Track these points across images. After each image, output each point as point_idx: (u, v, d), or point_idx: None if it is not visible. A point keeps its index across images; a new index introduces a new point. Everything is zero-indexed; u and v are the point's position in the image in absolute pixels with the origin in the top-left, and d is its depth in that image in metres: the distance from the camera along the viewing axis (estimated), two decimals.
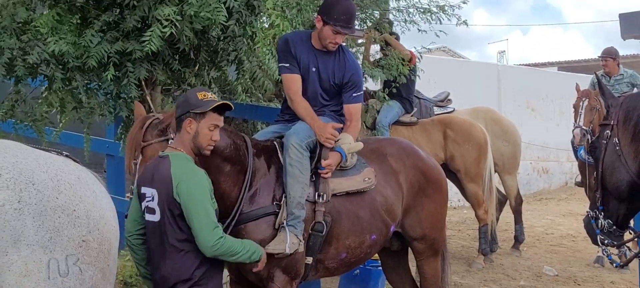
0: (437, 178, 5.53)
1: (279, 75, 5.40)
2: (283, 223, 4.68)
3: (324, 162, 4.92)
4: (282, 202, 4.73)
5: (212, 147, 4.16)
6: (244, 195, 4.63)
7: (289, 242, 4.60)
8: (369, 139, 7.02)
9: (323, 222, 4.87)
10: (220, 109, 4.13)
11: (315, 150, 4.98)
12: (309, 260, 4.90)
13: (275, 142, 5.03)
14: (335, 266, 5.11)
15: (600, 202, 4.01)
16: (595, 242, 4.18)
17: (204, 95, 4.11)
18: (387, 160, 5.31)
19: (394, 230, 5.26)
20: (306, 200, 4.80)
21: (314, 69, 5.17)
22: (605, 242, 4.04)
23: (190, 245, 3.99)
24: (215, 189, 4.32)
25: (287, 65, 5.18)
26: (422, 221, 5.38)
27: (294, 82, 5.17)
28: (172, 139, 4.30)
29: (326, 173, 4.92)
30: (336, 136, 5.06)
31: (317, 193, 4.88)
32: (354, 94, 5.25)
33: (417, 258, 5.53)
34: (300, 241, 4.71)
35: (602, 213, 4.00)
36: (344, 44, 5.48)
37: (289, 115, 5.28)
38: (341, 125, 5.19)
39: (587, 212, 4.21)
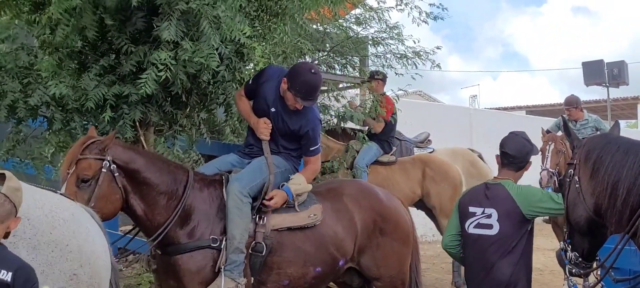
0: (396, 220, 5.39)
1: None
2: (221, 268, 4.69)
3: (267, 201, 4.92)
4: (222, 245, 4.72)
5: None
6: (172, 222, 4.66)
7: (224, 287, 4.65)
8: (334, 180, 7.02)
9: (263, 243, 4.84)
10: None
11: (259, 196, 4.96)
12: (251, 279, 4.85)
13: (223, 177, 5.02)
14: None
15: (567, 235, 4.00)
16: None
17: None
18: (343, 199, 5.24)
19: (343, 264, 5.17)
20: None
21: (273, 110, 5.15)
22: (573, 271, 4.04)
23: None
24: (149, 221, 4.63)
25: (251, 83, 5.30)
26: (378, 261, 5.27)
27: (243, 91, 5.36)
28: (108, 160, 4.44)
29: (269, 205, 4.91)
30: (269, 127, 5.12)
31: (258, 216, 4.89)
32: (311, 148, 5.22)
33: None
34: (238, 284, 4.70)
35: (570, 246, 4.00)
36: (324, 87, 5.47)
37: (248, 150, 5.29)
38: (269, 124, 5.16)
39: (560, 244, 4.22)
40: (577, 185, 3.82)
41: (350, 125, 8.71)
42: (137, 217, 4.71)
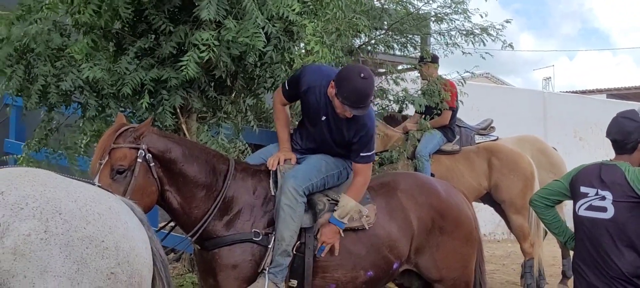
0: (456, 216, 5.30)
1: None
2: (265, 270, 4.68)
3: (322, 240, 4.87)
4: (269, 244, 4.71)
5: None
6: (210, 216, 4.68)
7: None
8: (387, 174, 6.95)
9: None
10: None
11: (314, 193, 4.95)
12: (294, 283, 4.83)
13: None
14: None
15: None
16: None
17: None
18: (397, 195, 5.17)
19: (398, 267, 5.12)
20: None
21: (323, 118, 5.03)
22: None
23: None
24: (186, 215, 4.67)
25: (289, 89, 5.18)
26: (438, 262, 5.20)
27: (281, 96, 5.26)
28: (144, 149, 4.48)
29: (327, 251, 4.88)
30: (279, 164, 5.02)
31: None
32: (363, 154, 5.02)
33: None
34: None
35: None
36: (382, 69, 5.38)
37: (299, 146, 5.24)
38: (293, 159, 5.11)
39: None
40: None
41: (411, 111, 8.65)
42: (173, 211, 4.74)
